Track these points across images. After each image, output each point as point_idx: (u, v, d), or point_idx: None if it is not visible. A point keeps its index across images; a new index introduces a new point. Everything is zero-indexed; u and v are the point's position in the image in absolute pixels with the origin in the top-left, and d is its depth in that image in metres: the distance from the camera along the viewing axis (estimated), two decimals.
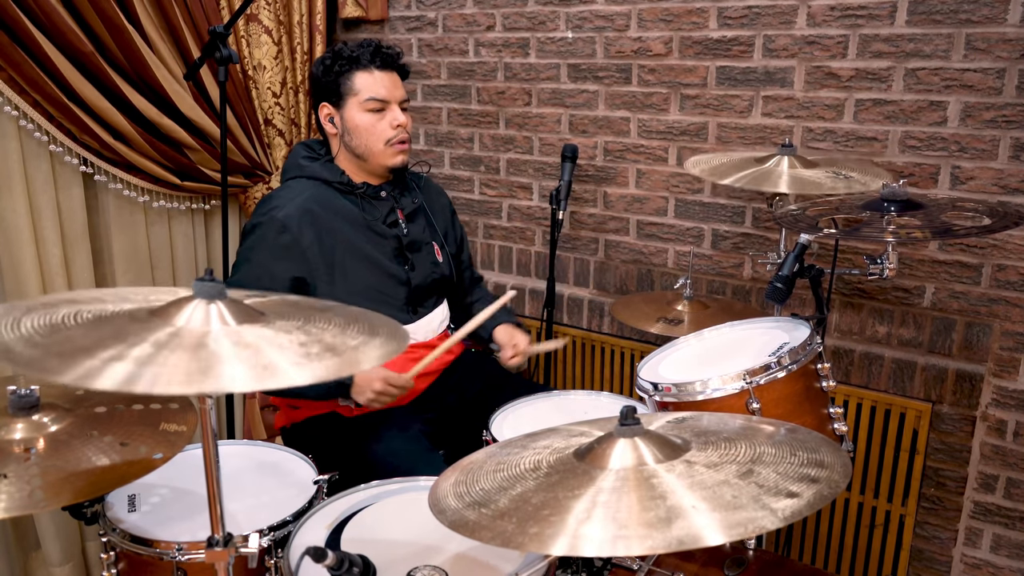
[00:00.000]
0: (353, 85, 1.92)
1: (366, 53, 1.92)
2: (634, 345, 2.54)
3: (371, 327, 1.10)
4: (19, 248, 2.18)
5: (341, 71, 1.92)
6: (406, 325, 1.97)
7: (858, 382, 2.18)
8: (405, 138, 1.97)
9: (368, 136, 1.93)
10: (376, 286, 1.95)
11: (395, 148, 1.96)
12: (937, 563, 2.17)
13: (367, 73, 1.93)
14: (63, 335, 0.94)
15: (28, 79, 2.10)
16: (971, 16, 1.89)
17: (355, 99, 1.93)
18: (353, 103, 1.93)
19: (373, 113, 1.93)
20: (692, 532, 0.82)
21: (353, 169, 1.99)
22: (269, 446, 1.69)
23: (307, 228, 1.87)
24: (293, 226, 1.86)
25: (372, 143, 1.94)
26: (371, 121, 1.93)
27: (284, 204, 1.89)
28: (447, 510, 1.00)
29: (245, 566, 1.32)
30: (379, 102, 1.93)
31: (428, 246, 2.08)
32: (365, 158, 1.96)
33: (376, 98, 1.92)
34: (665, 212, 2.46)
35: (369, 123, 1.93)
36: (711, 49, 2.26)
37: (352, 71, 1.92)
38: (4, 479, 1.06)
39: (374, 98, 1.92)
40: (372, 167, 1.98)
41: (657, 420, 1.18)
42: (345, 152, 1.98)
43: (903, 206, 1.60)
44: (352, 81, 1.92)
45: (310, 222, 1.88)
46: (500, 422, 1.80)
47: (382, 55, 1.94)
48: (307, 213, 1.88)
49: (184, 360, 0.89)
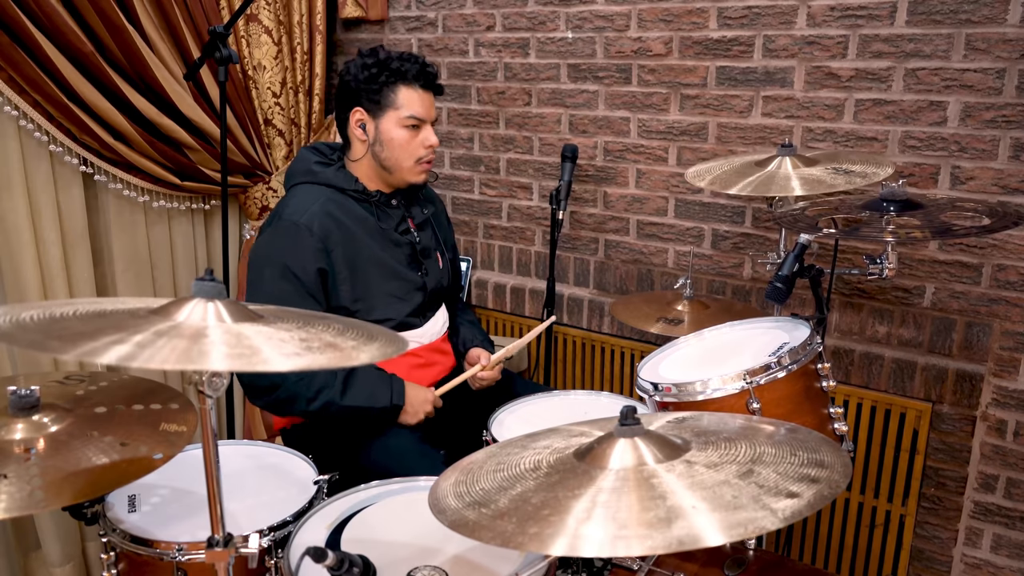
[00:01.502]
0: (396, 98, 1.90)
1: (412, 69, 1.90)
2: (634, 345, 2.54)
3: (368, 332, 1.13)
4: (19, 248, 2.18)
5: (387, 82, 1.89)
6: (417, 329, 2.01)
7: (858, 382, 2.18)
8: (433, 158, 1.98)
9: (401, 152, 1.92)
10: (394, 292, 1.95)
11: (421, 167, 1.96)
12: (937, 563, 2.17)
13: (411, 89, 1.90)
14: (63, 324, 0.96)
15: (28, 79, 2.10)
16: (971, 16, 1.89)
17: (395, 113, 1.90)
18: (392, 116, 1.90)
19: (409, 130, 1.91)
20: (692, 532, 0.82)
21: (371, 176, 1.97)
22: (269, 446, 1.69)
23: (332, 233, 1.86)
24: (318, 230, 1.84)
25: (403, 159, 1.93)
26: (406, 138, 1.91)
27: (303, 210, 1.86)
28: (447, 510, 0.99)
29: (245, 566, 1.32)
30: (417, 120, 1.91)
31: (435, 252, 2.10)
32: (391, 171, 1.95)
33: (416, 116, 1.91)
34: (665, 212, 2.46)
35: (404, 139, 1.91)
36: (711, 49, 2.26)
37: (397, 84, 1.89)
38: (4, 479, 1.06)
39: (414, 116, 1.90)
40: (394, 179, 1.97)
41: (657, 420, 1.18)
42: (370, 160, 1.95)
43: (903, 206, 1.60)
44: (396, 94, 1.90)
45: (334, 227, 1.87)
46: (500, 422, 1.80)
47: (427, 75, 1.92)
48: (328, 216, 1.87)
49: (183, 344, 0.92)
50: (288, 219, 1.85)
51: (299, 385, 1.77)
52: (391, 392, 1.86)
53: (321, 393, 1.78)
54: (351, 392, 1.81)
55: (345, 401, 1.80)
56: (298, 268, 1.82)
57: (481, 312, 2.88)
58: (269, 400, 1.81)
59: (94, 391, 1.33)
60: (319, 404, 1.78)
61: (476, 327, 2.25)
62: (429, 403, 1.92)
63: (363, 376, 1.85)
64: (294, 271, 1.82)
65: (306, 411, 1.80)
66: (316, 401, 1.78)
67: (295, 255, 1.82)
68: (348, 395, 1.81)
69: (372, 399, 1.83)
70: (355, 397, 1.82)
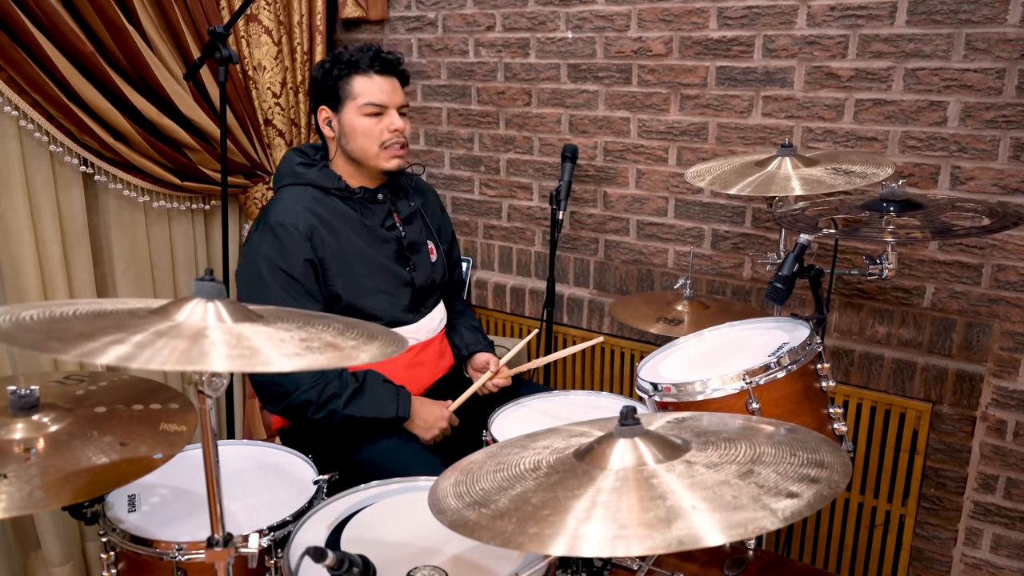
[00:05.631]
0: (352, 89, 1.92)
1: (365, 58, 1.92)
2: (634, 345, 2.54)
3: (368, 332, 1.13)
4: (19, 248, 2.18)
5: (340, 75, 1.92)
6: (410, 325, 2.01)
7: (858, 382, 2.18)
8: (402, 142, 1.97)
9: (364, 139, 1.93)
10: (382, 288, 1.96)
11: (390, 152, 1.95)
12: (937, 563, 2.17)
13: (366, 78, 1.92)
14: (63, 324, 0.96)
15: (28, 79, 2.10)
16: (971, 16, 1.89)
17: (353, 103, 1.92)
18: (351, 107, 1.93)
19: (370, 117, 1.92)
20: (692, 532, 0.82)
21: (350, 173, 1.99)
22: (269, 446, 1.69)
23: (317, 230, 1.87)
24: (304, 228, 1.86)
25: (368, 146, 1.94)
26: (368, 125, 1.92)
27: (288, 212, 1.88)
28: (447, 510, 1.00)
29: (245, 566, 1.32)
30: (377, 107, 1.92)
31: (424, 246, 2.09)
32: (361, 162, 1.96)
33: (373, 103, 1.92)
34: (665, 212, 2.46)
35: (366, 127, 1.92)
36: (711, 49, 2.26)
37: (351, 75, 1.92)
38: (4, 479, 1.06)
39: (372, 103, 1.92)
40: (367, 171, 1.98)
41: (657, 420, 1.18)
42: (342, 156, 1.98)
43: (902, 206, 1.60)
44: (351, 85, 1.92)
45: (319, 227, 1.88)
46: (500, 422, 1.80)
47: (381, 60, 1.94)
48: (313, 215, 1.88)
49: (183, 344, 0.92)
50: (274, 220, 1.87)
51: (311, 393, 1.78)
52: (397, 404, 1.87)
53: (331, 402, 1.80)
54: (358, 402, 1.82)
55: (349, 411, 1.81)
56: (289, 267, 1.84)
57: (481, 312, 2.88)
58: (281, 407, 1.83)
59: (94, 391, 1.33)
60: (325, 412, 1.80)
61: (479, 332, 2.25)
62: (444, 419, 1.93)
63: (372, 387, 1.85)
64: (286, 271, 1.83)
65: (315, 419, 1.81)
66: (323, 409, 1.80)
67: (285, 255, 1.84)
68: (354, 405, 1.82)
69: (378, 410, 1.84)
70: (361, 408, 1.83)
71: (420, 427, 1.91)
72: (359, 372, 1.87)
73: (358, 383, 1.84)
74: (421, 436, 1.91)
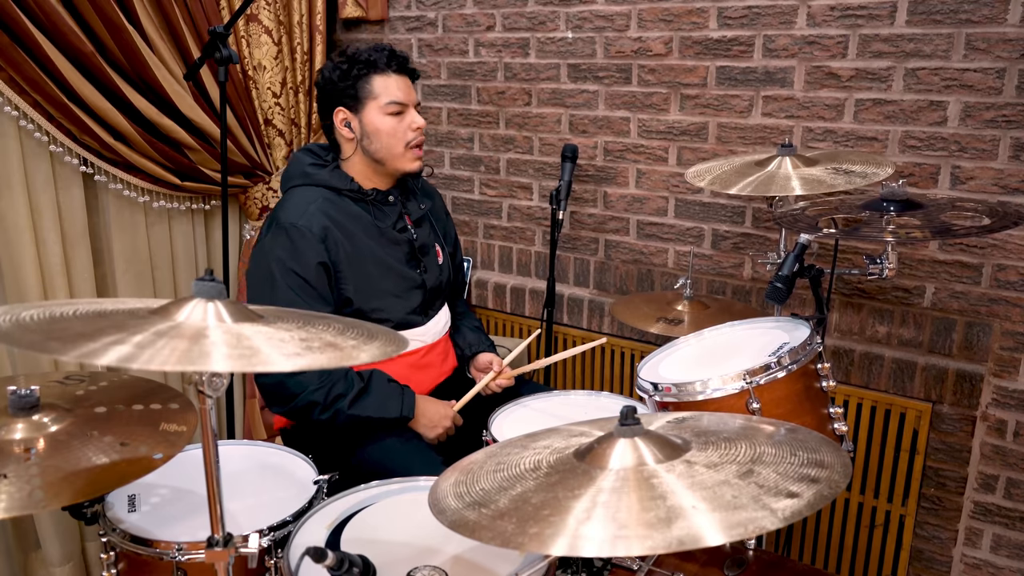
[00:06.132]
0: (372, 89, 1.90)
1: (382, 57, 1.91)
2: (634, 345, 2.54)
3: (368, 331, 1.13)
4: (19, 248, 2.18)
5: (359, 75, 1.90)
6: (419, 327, 2.01)
7: (858, 382, 2.18)
8: (423, 141, 1.97)
9: (390, 139, 1.92)
10: (394, 291, 1.96)
11: (414, 152, 1.95)
12: (937, 563, 2.17)
13: (385, 77, 1.91)
14: (63, 325, 0.96)
15: (28, 79, 2.10)
16: (971, 16, 1.89)
17: (375, 103, 1.91)
18: (373, 107, 1.91)
19: (393, 116, 1.91)
20: (692, 532, 0.82)
21: (366, 174, 1.97)
22: (269, 446, 1.69)
23: (330, 232, 1.86)
24: (317, 230, 1.84)
25: (394, 146, 1.93)
26: (392, 124, 1.91)
27: (301, 212, 1.86)
28: (447, 510, 0.99)
29: (245, 566, 1.32)
30: (399, 105, 1.91)
31: (433, 249, 2.09)
32: (384, 162, 1.95)
33: (396, 101, 1.91)
34: (665, 212, 2.46)
35: (390, 126, 1.91)
36: (711, 49, 2.26)
37: (370, 75, 1.90)
38: (4, 479, 1.06)
39: (395, 101, 1.91)
40: (388, 171, 1.97)
41: (657, 420, 1.18)
42: (361, 156, 1.96)
43: (903, 206, 1.60)
44: (371, 85, 1.90)
45: (333, 229, 1.87)
46: (500, 422, 1.80)
47: (398, 59, 1.93)
48: (326, 216, 1.87)
49: (183, 345, 0.92)
50: (287, 222, 1.85)
51: (317, 394, 1.79)
52: (402, 404, 1.87)
53: (336, 402, 1.80)
54: (363, 402, 1.83)
55: (355, 410, 1.81)
56: (302, 269, 1.82)
57: (481, 312, 2.88)
58: (288, 408, 1.83)
59: (94, 391, 1.33)
60: (331, 412, 1.80)
61: (481, 332, 2.25)
62: (448, 419, 1.93)
63: (377, 387, 1.85)
64: (299, 273, 1.82)
65: (321, 420, 1.81)
66: (329, 410, 1.80)
67: (297, 257, 1.82)
68: (360, 405, 1.82)
69: (383, 409, 1.84)
70: (366, 407, 1.83)
71: (425, 426, 1.91)
72: (364, 372, 1.87)
73: (363, 383, 1.84)
74: (425, 435, 1.91)
